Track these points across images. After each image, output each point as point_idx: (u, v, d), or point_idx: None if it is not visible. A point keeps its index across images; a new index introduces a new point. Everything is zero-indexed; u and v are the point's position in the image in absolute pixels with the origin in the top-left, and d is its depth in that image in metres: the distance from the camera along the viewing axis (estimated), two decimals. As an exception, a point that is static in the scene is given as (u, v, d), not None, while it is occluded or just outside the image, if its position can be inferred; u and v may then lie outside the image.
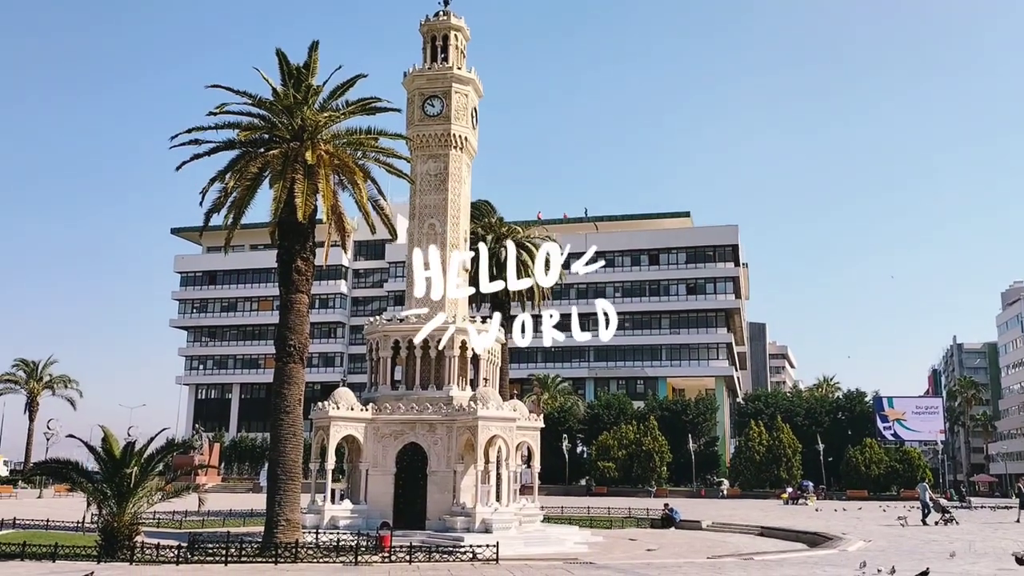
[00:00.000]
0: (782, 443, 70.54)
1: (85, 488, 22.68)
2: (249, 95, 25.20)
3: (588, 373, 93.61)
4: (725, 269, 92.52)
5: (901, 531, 31.60)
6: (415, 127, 32.50)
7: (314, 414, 29.55)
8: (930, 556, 21.86)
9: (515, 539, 25.97)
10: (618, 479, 70.21)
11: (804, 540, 29.49)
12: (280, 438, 24.25)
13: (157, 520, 32.22)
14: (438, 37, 33.57)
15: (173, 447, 24.22)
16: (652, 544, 28.80)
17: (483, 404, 27.94)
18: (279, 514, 23.54)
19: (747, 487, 69.86)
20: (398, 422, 29.35)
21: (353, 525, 27.66)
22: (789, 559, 21.55)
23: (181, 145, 24.98)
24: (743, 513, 44.26)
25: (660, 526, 37.13)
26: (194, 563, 19.83)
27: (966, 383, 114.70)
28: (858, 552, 23.27)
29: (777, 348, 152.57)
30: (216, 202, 25.33)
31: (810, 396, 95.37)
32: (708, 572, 18.43)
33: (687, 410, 79.18)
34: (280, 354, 24.87)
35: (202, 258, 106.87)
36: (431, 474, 29.05)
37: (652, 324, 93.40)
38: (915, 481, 68.04)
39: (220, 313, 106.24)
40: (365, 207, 25.96)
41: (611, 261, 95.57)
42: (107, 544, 20.82)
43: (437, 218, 32.03)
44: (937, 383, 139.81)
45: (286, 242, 25.26)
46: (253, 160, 24.94)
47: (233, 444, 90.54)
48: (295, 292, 25.06)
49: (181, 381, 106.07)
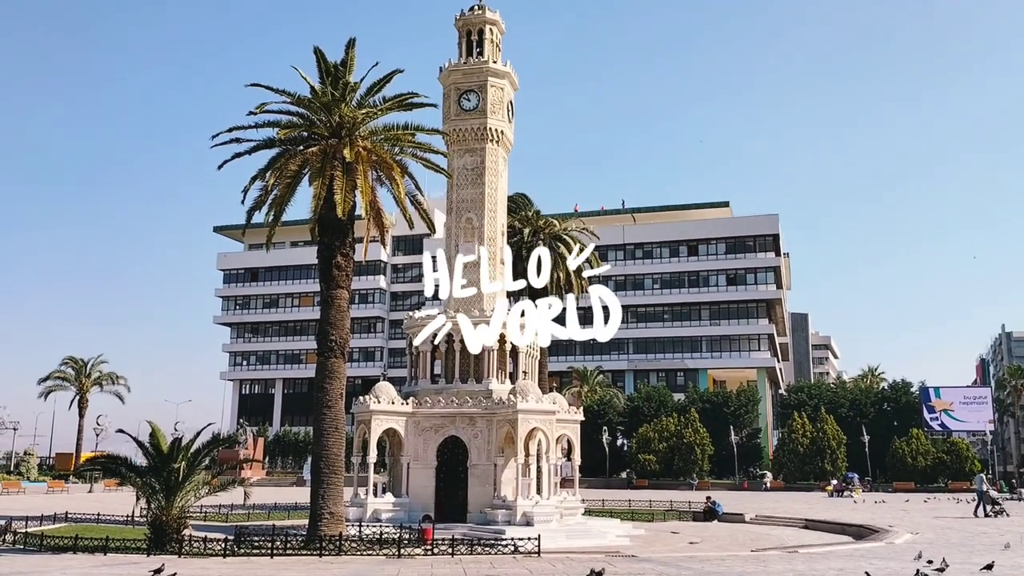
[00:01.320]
0: (826, 435, 69.56)
1: (134, 483, 23.15)
2: (288, 93, 25.48)
3: (628, 365, 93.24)
4: (766, 259, 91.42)
5: (949, 523, 30.99)
6: (451, 122, 32.56)
7: (355, 408, 29.82)
8: (979, 548, 21.43)
9: (556, 532, 25.98)
10: (659, 472, 69.85)
11: (850, 533, 29.07)
12: (323, 432, 24.54)
13: (204, 514, 32.76)
14: (473, 31, 33.58)
15: (218, 442, 24.58)
16: (694, 537, 28.62)
17: (523, 397, 27.97)
18: (323, 507, 23.83)
19: (790, 480, 69.04)
20: (438, 416, 29.51)
21: (395, 518, 27.91)
22: (835, 552, 21.26)
23: (222, 144, 25.38)
24: (786, 506, 43.77)
25: (702, 519, 36.88)
26: (240, 555, 20.13)
27: (1015, 372, 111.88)
28: (905, 545, 22.88)
29: (820, 339, 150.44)
30: (257, 200, 25.69)
31: (854, 387, 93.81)
32: (752, 565, 18.25)
33: (728, 402, 78.43)
34: (321, 349, 25.15)
35: (244, 255, 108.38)
36: (472, 467, 29.17)
37: (692, 316, 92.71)
38: (963, 473, 66.78)
39: (262, 309, 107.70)
40: (403, 202, 26.11)
41: (649, 253, 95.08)
42: (156, 537, 21.24)
43: (474, 212, 32.08)
44: (985, 372, 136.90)
45: (326, 238, 25.52)
46: (293, 158, 25.23)
47: (277, 438, 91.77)
48: (335, 288, 25.31)
49: (225, 377, 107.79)
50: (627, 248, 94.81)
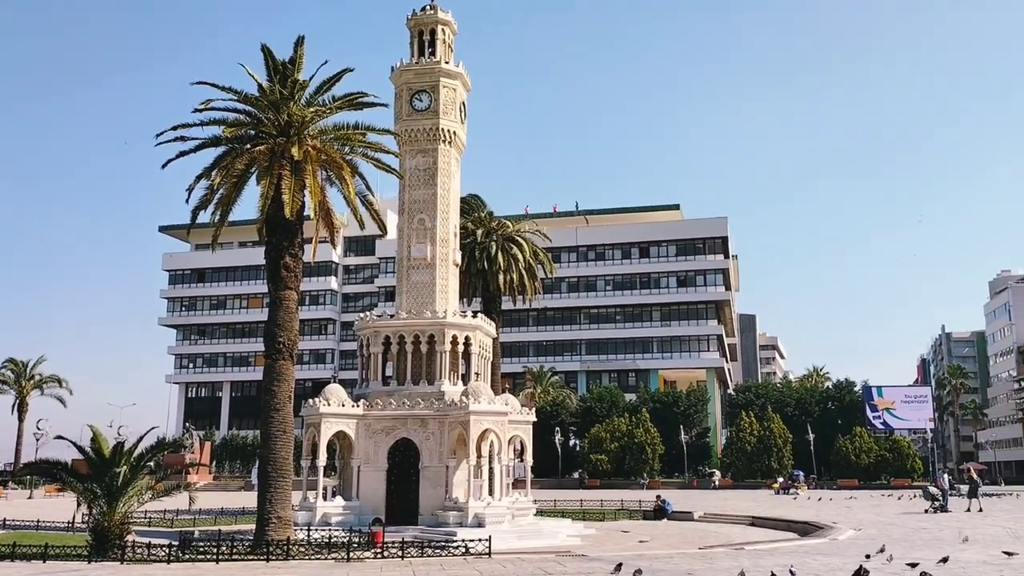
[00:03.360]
0: (773, 433, 70.85)
1: (75, 488, 22.54)
2: (235, 91, 25.06)
3: (580, 366, 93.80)
4: (715, 261, 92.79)
5: (891, 520, 31.78)
6: (403, 122, 32.39)
7: (305, 411, 29.49)
8: (919, 543, 22.02)
9: (508, 533, 26.02)
10: (610, 471, 70.38)
11: (795, 529, 29.64)
12: (271, 435, 24.20)
13: (148, 519, 32.12)
14: (425, 31, 33.46)
15: (163, 446, 24.18)
16: (644, 536, 28.89)
17: (475, 399, 27.94)
18: (270, 512, 23.49)
19: (738, 478, 70.13)
20: (389, 418, 29.33)
21: (345, 522, 27.65)
22: (780, 548, 21.65)
23: (167, 142, 24.87)
24: (734, 503, 44.45)
25: (652, 518, 37.26)
26: (185, 561, 19.77)
27: (955, 372, 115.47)
28: (848, 541, 23.41)
29: (767, 339, 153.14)
30: (203, 199, 25.24)
31: (800, 386, 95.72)
32: (699, 562, 18.49)
33: (679, 402, 79.39)
34: (269, 351, 24.80)
35: (190, 256, 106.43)
36: (423, 469, 29.04)
37: (643, 317, 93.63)
38: (904, 470, 68.64)
39: (209, 311, 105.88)
40: (354, 203, 25.88)
41: (601, 254, 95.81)
42: (97, 544, 20.72)
43: (427, 213, 31.95)
44: (926, 372, 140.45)
45: (274, 239, 25.16)
46: (239, 156, 24.83)
47: (224, 442, 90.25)
48: (284, 289, 24.98)
49: (171, 380, 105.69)
50: (580, 250, 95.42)
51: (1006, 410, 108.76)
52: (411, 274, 31.71)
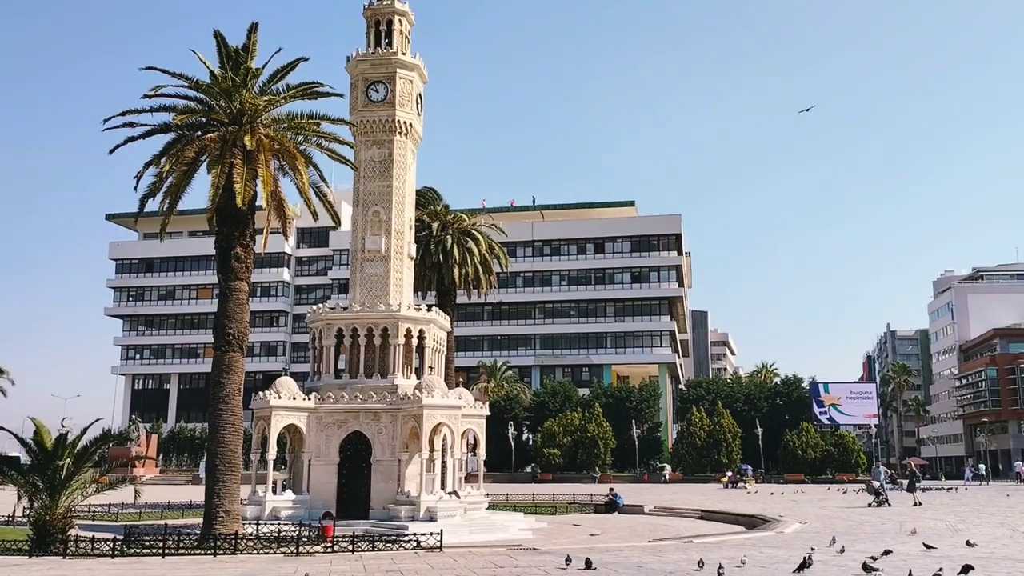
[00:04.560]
0: (722, 428, 71.97)
1: (16, 481, 22.01)
2: (186, 77, 24.58)
3: (534, 361, 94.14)
4: (668, 258, 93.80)
5: (835, 513, 32.46)
6: (359, 112, 32.05)
7: (255, 404, 29.08)
8: (862, 536, 22.55)
9: (460, 527, 25.97)
10: (563, 466, 70.82)
11: (743, 523, 30.09)
12: (219, 428, 23.85)
13: (93, 513, 31.41)
14: (382, 21, 33.12)
15: (108, 438, 23.57)
16: (595, 529, 29.09)
17: (428, 392, 27.81)
18: (218, 505, 23.16)
19: (689, 471, 71.10)
20: (342, 411, 29.06)
21: (295, 516, 27.33)
22: (728, 541, 21.97)
23: (115, 128, 24.33)
24: (684, 497, 45.00)
25: (604, 511, 37.54)
26: (130, 556, 19.36)
27: (899, 369, 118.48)
28: (794, 534, 23.85)
29: (718, 335, 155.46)
30: (151, 187, 24.73)
31: (749, 382, 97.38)
32: (648, 555, 18.68)
33: (631, 397, 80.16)
34: (219, 343, 24.42)
35: (138, 245, 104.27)
36: (375, 463, 28.84)
37: (597, 312, 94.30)
38: (849, 464, 70.26)
39: (157, 301, 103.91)
40: (307, 193, 25.58)
41: (557, 250, 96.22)
42: (39, 538, 20.24)
43: (382, 205, 31.67)
44: (871, 369, 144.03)
45: (225, 228, 24.74)
46: (190, 144, 24.38)
47: (171, 435, 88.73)
48: (234, 280, 24.59)
49: (117, 371, 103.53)
50: (536, 245, 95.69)
51: (947, 407, 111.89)
52: (365, 267, 31.44)
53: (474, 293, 47.42)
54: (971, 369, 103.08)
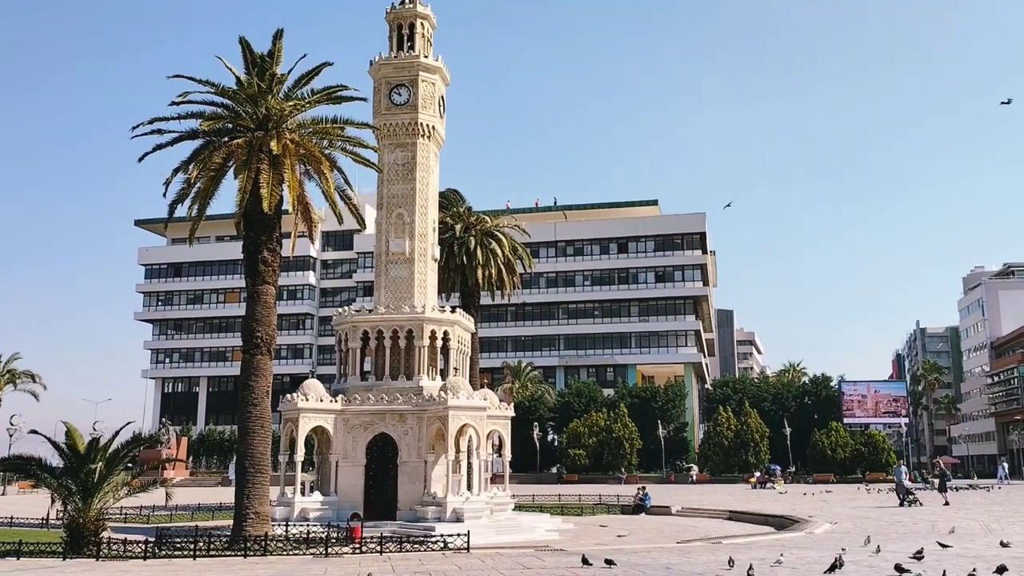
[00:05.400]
0: (750, 428, 71.42)
1: (49, 484, 22.29)
2: (212, 84, 24.87)
3: (558, 361, 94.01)
4: (693, 257, 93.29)
5: (866, 513, 32.11)
6: (382, 116, 32.23)
7: (283, 406, 29.33)
8: (894, 536, 22.28)
9: (486, 528, 26.01)
10: (589, 466, 70.64)
11: (772, 523, 29.86)
12: (248, 431, 24.06)
13: (124, 516, 31.81)
14: (404, 25, 33.29)
15: (139, 441, 23.81)
16: (622, 530, 28.99)
17: (453, 394, 27.89)
18: (248, 507, 23.37)
19: (716, 472, 70.64)
20: (368, 413, 29.22)
21: (323, 517, 27.53)
22: (757, 542, 21.82)
23: (144, 135, 24.66)
24: (712, 498, 44.73)
25: (631, 512, 37.42)
26: (162, 558, 19.58)
27: (929, 367, 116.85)
28: (824, 534, 23.63)
29: (744, 334, 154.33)
30: (180, 193, 25.02)
31: (777, 381, 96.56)
32: (677, 556, 18.59)
33: (656, 397, 79.80)
34: (247, 346, 24.64)
35: (167, 250, 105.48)
36: (402, 464, 28.97)
37: (621, 312, 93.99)
38: (880, 464, 69.41)
39: (186, 306, 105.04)
40: (332, 197, 25.75)
41: (580, 250, 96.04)
42: (72, 540, 20.50)
43: (405, 208, 31.82)
44: (901, 367, 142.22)
45: (252, 233, 24.98)
46: (217, 150, 24.63)
47: (201, 437, 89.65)
48: (262, 283, 24.82)
49: (147, 375, 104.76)
50: (559, 245, 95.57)
51: (979, 405, 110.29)
52: (389, 269, 31.60)
53: (498, 294, 47.48)
54: (1003, 366, 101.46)
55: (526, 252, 49.19)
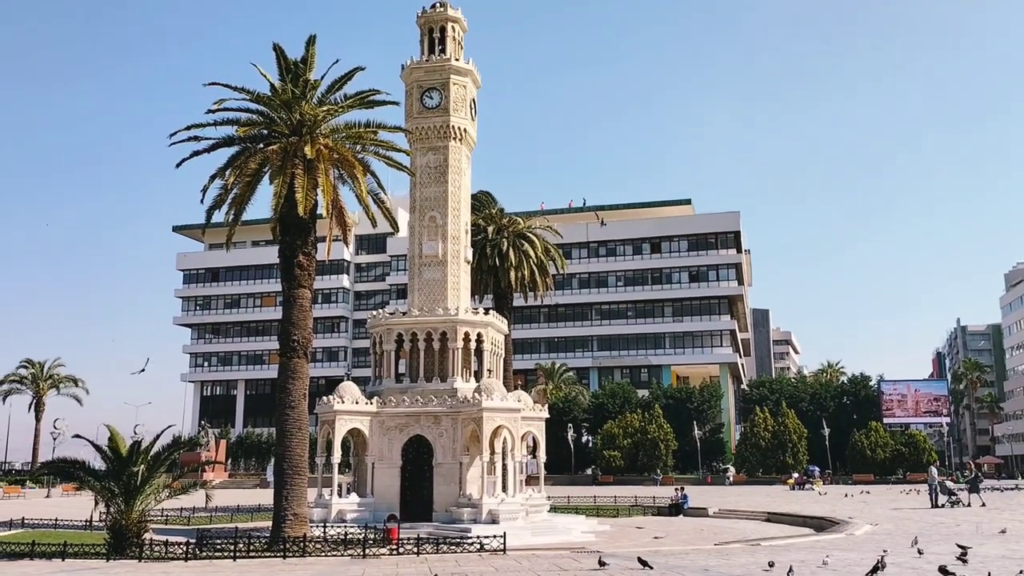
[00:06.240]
0: (787, 429, 70.58)
1: (92, 487, 22.70)
2: (247, 91, 25.18)
3: (592, 362, 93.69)
4: (727, 256, 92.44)
5: (907, 515, 31.62)
6: (414, 120, 32.42)
7: (319, 408, 29.60)
8: (936, 538, 21.89)
9: (522, 529, 26.01)
10: (623, 468, 70.30)
11: (811, 525, 29.50)
12: (285, 433, 24.32)
13: (165, 517, 32.30)
14: (435, 28, 33.45)
15: (179, 444, 24.19)
16: (659, 532, 28.83)
17: (487, 395, 27.95)
18: (286, 509, 23.61)
19: (753, 473, 69.93)
20: (403, 415, 29.38)
21: (360, 518, 27.75)
22: (796, 544, 21.58)
23: (181, 142, 25.02)
24: (749, 499, 44.31)
25: (668, 513, 37.18)
26: (203, 559, 19.88)
27: (970, 365, 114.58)
28: (865, 536, 23.30)
29: (781, 334, 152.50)
30: (217, 199, 25.37)
31: (815, 381, 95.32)
32: (715, 558, 18.45)
33: (692, 397, 79.21)
34: (284, 349, 24.91)
35: (204, 255, 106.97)
36: (437, 466, 29.09)
37: (655, 312, 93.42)
38: (920, 464, 68.14)
39: (223, 310, 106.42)
40: (365, 201, 25.94)
41: (613, 250, 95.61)
42: (115, 542, 20.87)
43: (438, 210, 31.96)
44: (942, 366, 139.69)
45: (287, 237, 25.27)
46: (252, 156, 24.95)
47: (239, 440, 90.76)
48: (297, 287, 25.08)
49: (186, 378, 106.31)
50: (591, 246, 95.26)
51: (1022, 403, 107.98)
52: (423, 271, 31.76)
53: (530, 295, 47.49)
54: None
55: (559, 253, 49.16)
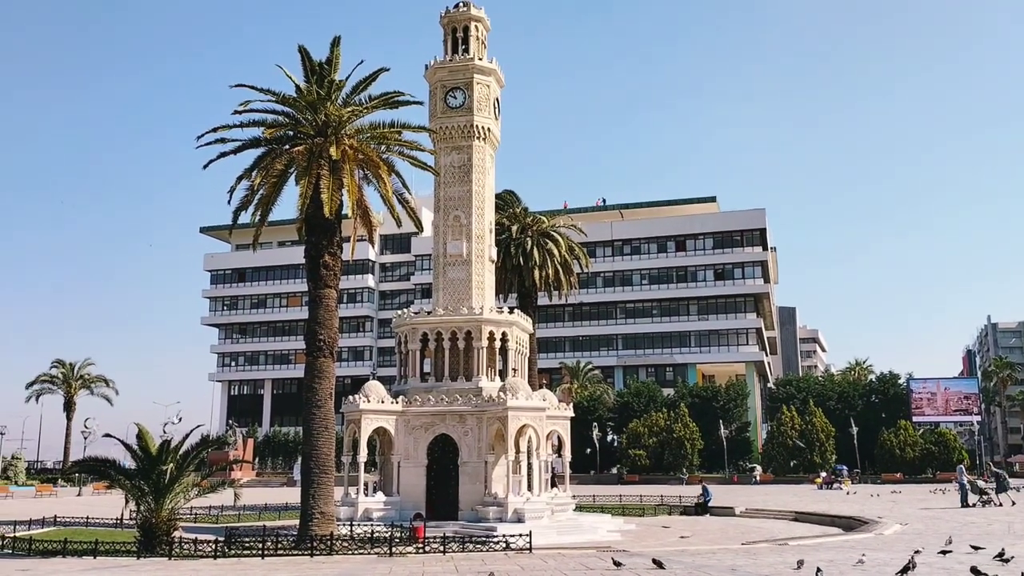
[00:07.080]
0: (815, 427, 69.92)
1: (123, 485, 23.03)
2: (273, 92, 25.38)
3: (617, 361, 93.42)
4: (753, 253, 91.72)
5: (937, 514, 31.22)
6: (438, 119, 32.51)
7: (345, 408, 29.78)
8: (968, 538, 21.58)
9: (548, 528, 26.01)
10: (649, 467, 70.03)
11: (839, 525, 29.23)
12: (312, 432, 24.50)
13: (194, 515, 32.65)
14: (459, 28, 33.53)
15: (208, 443, 24.43)
16: (686, 531, 28.70)
17: (512, 394, 27.96)
18: (313, 507, 23.79)
19: (780, 472, 69.37)
20: (428, 414, 29.49)
21: (386, 517, 27.89)
22: (825, 544, 21.39)
23: (207, 144, 25.26)
24: (776, 498, 43.97)
25: (694, 512, 36.97)
26: (232, 557, 20.08)
27: (1001, 363, 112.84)
28: (894, 536, 23.04)
29: (808, 332, 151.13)
30: (243, 200, 25.60)
31: (842, 379, 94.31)
32: (743, 558, 18.33)
33: (717, 396, 78.73)
34: (310, 349, 25.09)
35: (231, 256, 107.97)
36: (462, 465, 29.17)
37: (680, 311, 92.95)
38: (951, 463, 67.21)
39: (250, 310, 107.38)
40: (390, 201, 26.06)
41: (637, 248, 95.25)
42: (146, 540, 21.15)
43: (462, 210, 32.04)
44: (972, 364, 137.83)
45: (313, 238, 25.45)
46: (279, 157, 25.14)
47: (266, 439, 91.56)
48: (323, 287, 25.25)
49: (214, 378, 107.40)
50: (615, 244, 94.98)
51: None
52: (447, 271, 31.84)
53: (555, 294, 47.45)
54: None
55: (583, 252, 49.06)
